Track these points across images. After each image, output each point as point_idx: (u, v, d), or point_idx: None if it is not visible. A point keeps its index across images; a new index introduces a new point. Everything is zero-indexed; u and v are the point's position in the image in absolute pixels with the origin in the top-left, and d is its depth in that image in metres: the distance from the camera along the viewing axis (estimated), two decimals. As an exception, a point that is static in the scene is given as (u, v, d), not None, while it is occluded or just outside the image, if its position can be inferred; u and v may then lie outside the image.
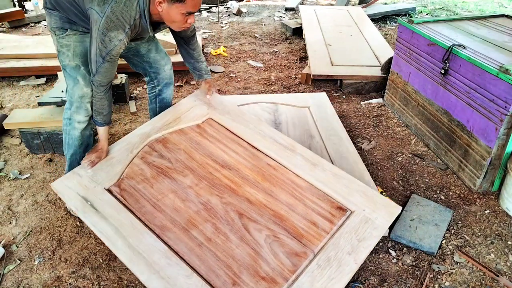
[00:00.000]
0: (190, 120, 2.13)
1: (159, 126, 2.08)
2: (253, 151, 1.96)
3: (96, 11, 1.61)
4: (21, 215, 2.04)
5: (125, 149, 1.95)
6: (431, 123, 2.50)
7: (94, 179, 1.80)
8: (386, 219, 1.64)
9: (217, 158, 1.93)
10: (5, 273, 1.72)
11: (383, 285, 1.66)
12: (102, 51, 1.66)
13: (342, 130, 2.47)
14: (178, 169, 1.87)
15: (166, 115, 2.16)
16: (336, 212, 1.68)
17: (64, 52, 1.83)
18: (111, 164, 1.87)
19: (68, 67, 1.85)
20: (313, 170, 1.85)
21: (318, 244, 1.56)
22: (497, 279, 1.67)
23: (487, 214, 2.03)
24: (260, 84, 3.58)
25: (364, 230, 1.60)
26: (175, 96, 3.31)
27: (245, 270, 1.47)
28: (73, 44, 1.82)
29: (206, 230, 1.61)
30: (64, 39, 1.82)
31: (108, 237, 1.56)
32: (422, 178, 2.31)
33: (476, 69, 2.05)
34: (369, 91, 3.36)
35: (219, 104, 2.24)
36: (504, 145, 1.99)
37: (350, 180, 1.81)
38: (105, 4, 1.61)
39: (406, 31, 2.67)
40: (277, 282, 1.43)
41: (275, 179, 1.83)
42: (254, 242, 1.57)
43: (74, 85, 1.86)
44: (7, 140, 2.66)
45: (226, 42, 4.66)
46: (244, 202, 1.73)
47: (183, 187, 1.79)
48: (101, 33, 1.62)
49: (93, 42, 1.67)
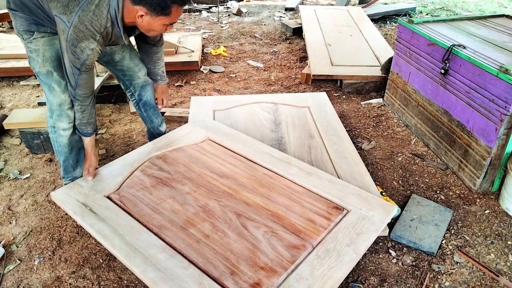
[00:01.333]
0: (190, 141, 2.23)
1: (159, 146, 2.18)
2: (250, 164, 2.04)
3: (62, 20, 1.53)
4: (21, 215, 2.04)
5: (126, 163, 2.04)
6: (431, 123, 2.50)
7: (94, 188, 1.85)
8: (383, 216, 1.68)
9: (215, 169, 2.00)
10: (5, 273, 1.72)
11: (383, 285, 1.66)
12: (76, 62, 1.60)
13: (342, 130, 2.47)
14: (177, 179, 1.93)
15: (165, 137, 2.27)
16: (333, 211, 1.73)
17: (34, 57, 1.71)
18: (112, 176, 1.94)
19: (40, 74, 1.74)
20: (308, 178, 1.91)
21: (317, 238, 1.59)
22: (497, 279, 1.67)
23: (487, 214, 2.03)
24: (260, 84, 3.58)
25: (362, 225, 1.64)
26: (175, 96, 3.31)
27: (243, 261, 1.50)
28: (42, 48, 1.70)
29: (204, 228, 1.65)
30: (32, 43, 1.69)
31: (105, 236, 1.59)
32: (422, 178, 2.31)
33: (476, 69, 2.05)
34: (369, 91, 3.36)
35: (218, 129, 2.33)
36: (504, 145, 1.99)
37: (344, 185, 1.87)
38: (72, 13, 1.52)
39: (406, 31, 2.67)
40: (276, 271, 1.45)
41: (272, 185, 1.89)
42: (252, 237, 1.60)
43: (50, 93, 1.76)
44: (7, 140, 2.66)
45: (226, 42, 4.66)
46: (242, 205, 1.77)
47: (181, 193, 1.84)
48: (71, 44, 1.55)
49: (64, 54, 1.60)
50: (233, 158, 2.09)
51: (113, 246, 1.55)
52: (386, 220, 1.68)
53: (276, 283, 1.41)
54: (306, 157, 2.21)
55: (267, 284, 1.40)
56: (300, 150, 2.27)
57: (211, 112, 2.63)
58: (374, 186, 1.99)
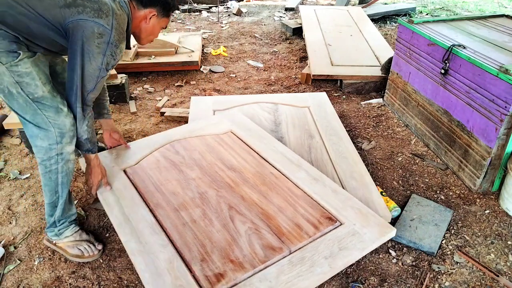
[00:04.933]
0: (213, 131, 2.33)
1: (184, 131, 2.32)
2: (261, 161, 2.07)
3: (99, 23, 1.48)
4: (21, 215, 2.04)
5: (150, 143, 2.21)
6: (431, 123, 2.50)
7: (115, 161, 2.05)
8: (376, 236, 1.59)
9: (226, 161, 2.06)
10: (5, 273, 1.72)
11: (383, 285, 1.66)
12: (110, 64, 1.57)
13: (342, 130, 2.47)
14: (188, 164, 2.05)
15: (192, 124, 2.41)
16: (324, 221, 1.68)
17: (29, 82, 1.47)
18: (134, 153, 2.13)
19: (44, 99, 1.51)
20: (313, 184, 1.88)
21: (297, 244, 1.58)
22: (497, 279, 1.67)
23: (487, 214, 2.03)
24: (260, 84, 3.58)
25: (348, 241, 1.57)
26: (175, 96, 3.31)
27: (217, 251, 1.56)
28: (35, 69, 1.49)
29: (194, 213, 1.74)
30: (19, 66, 1.44)
31: (108, 204, 1.77)
32: (422, 178, 2.31)
33: (476, 69, 2.05)
34: (369, 91, 3.36)
35: (242, 123, 2.39)
36: (504, 145, 1.99)
37: (347, 197, 1.80)
38: (108, 16, 1.50)
39: (406, 31, 2.67)
40: (244, 267, 1.49)
41: (274, 185, 1.89)
42: (234, 231, 1.65)
43: (59, 116, 1.54)
44: (7, 140, 2.66)
45: (226, 42, 4.66)
46: (237, 198, 1.82)
47: (187, 178, 1.95)
48: (114, 45, 1.54)
49: (95, 58, 1.51)
50: (246, 153, 2.12)
51: (111, 214, 1.72)
52: (378, 241, 1.59)
53: (239, 278, 1.44)
54: (306, 157, 2.21)
55: (230, 277, 1.44)
56: (300, 150, 2.27)
57: (211, 112, 2.63)
58: (374, 186, 1.99)
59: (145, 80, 3.60)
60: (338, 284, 1.66)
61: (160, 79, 3.62)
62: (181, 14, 5.89)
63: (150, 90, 3.41)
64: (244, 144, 2.20)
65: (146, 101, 3.21)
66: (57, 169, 1.61)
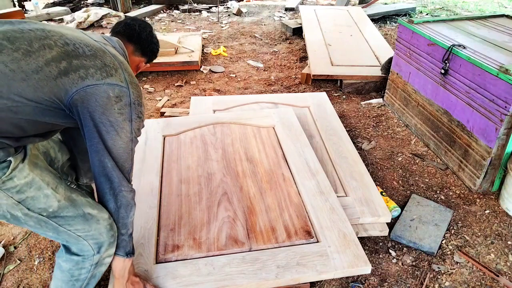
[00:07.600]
0: (257, 122, 2.40)
1: (231, 117, 2.45)
2: (281, 161, 2.09)
3: (112, 84, 1.15)
4: (21, 215, 2.03)
5: (196, 120, 2.38)
6: (431, 123, 2.50)
7: (163, 128, 2.27)
8: (344, 265, 1.49)
9: (248, 152, 2.15)
10: (5, 273, 1.72)
11: (383, 285, 1.66)
12: (139, 127, 1.24)
13: (342, 130, 2.46)
14: (216, 146, 2.18)
15: (242, 112, 2.56)
16: (301, 233, 1.65)
17: (34, 195, 1.10)
18: (180, 125, 2.33)
19: (62, 210, 1.16)
20: (315, 196, 1.83)
21: (260, 245, 1.59)
22: (497, 279, 1.67)
23: (487, 214, 2.03)
24: (260, 84, 3.58)
25: (311, 260, 1.50)
26: (175, 96, 3.31)
27: (188, 227, 1.66)
28: (36, 173, 1.13)
29: (191, 189, 1.87)
30: (15, 179, 1.07)
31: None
32: (422, 178, 2.31)
33: (476, 69, 2.05)
34: (369, 91, 3.36)
35: (288, 120, 2.42)
36: (504, 145, 1.99)
37: (341, 219, 1.70)
38: (117, 69, 1.18)
39: (406, 31, 2.67)
40: (200, 248, 1.57)
41: (276, 186, 1.91)
42: (213, 215, 1.74)
43: (90, 224, 1.20)
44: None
45: (226, 42, 4.66)
46: (236, 187, 1.89)
47: (207, 158, 2.08)
48: (137, 104, 1.21)
49: (122, 129, 1.17)
50: (272, 150, 2.17)
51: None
52: (343, 271, 1.48)
53: (187, 255, 1.54)
54: (306, 157, 2.21)
55: (183, 252, 1.55)
56: (300, 150, 2.27)
57: (211, 112, 2.63)
58: (374, 186, 1.99)
59: (145, 80, 3.61)
60: (338, 284, 1.66)
61: (160, 79, 3.62)
62: (181, 14, 5.89)
63: (150, 90, 3.41)
64: (276, 142, 2.24)
65: (146, 101, 3.21)
66: (87, 277, 1.30)
